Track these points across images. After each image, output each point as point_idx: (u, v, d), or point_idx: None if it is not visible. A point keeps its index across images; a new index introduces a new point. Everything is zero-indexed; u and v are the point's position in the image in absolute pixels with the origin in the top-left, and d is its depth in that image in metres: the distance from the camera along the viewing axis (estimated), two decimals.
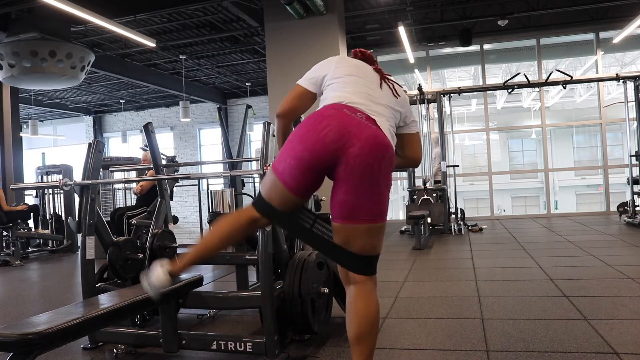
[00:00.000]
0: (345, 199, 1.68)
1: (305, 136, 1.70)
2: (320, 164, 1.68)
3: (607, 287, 3.58)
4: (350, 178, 1.66)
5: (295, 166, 1.69)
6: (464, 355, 2.36)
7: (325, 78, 1.90)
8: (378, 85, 1.86)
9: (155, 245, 3.07)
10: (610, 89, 15.11)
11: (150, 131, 3.25)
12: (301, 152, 1.68)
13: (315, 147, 1.66)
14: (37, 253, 7.73)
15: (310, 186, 1.75)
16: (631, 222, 7.41)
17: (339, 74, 1.87)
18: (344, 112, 1.72)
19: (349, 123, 1.68)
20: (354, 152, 1.64)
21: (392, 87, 1.89)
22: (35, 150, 16.00)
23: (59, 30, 7.62)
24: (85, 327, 1.74)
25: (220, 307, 3.26)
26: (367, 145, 1.65)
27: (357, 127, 1.67)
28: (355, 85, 1.83)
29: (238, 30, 9.18)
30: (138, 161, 7.50)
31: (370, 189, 1.67)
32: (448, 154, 8.22)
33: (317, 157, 1.67)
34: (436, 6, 8.88)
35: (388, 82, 1.89)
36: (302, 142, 1.69)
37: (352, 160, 1.64)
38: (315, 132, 1.68)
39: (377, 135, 1.69)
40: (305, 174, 1.70)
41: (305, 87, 1.93)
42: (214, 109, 15.12)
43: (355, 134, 1.66)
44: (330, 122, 1.68)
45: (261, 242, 2.37)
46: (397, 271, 4.63)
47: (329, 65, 1.92)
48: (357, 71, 1.88)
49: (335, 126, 1.67)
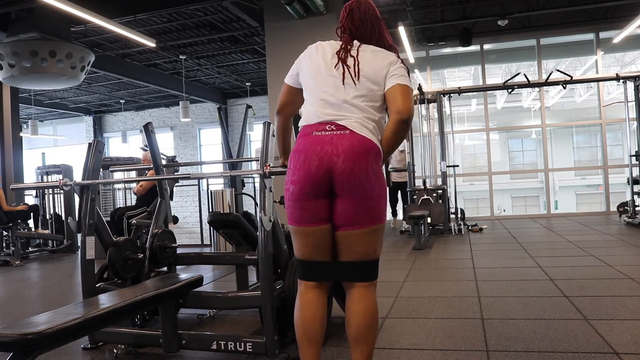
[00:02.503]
0: (343, 209, 1.75)
1: (294, 176, 1.78)
2: (319, 190, 1.75)
3: (607, 287, 3.58)
4: (343, 192, 1.73)
5: (304, 204, 1.77)
6: (464, 355, 2.36)
7: (300, 77, 1.95)
8: (341, 79, 1.81)
9: (155, 245, 3.08)
10: (610, 89, 15.11)
11: (150, 131, 3.25)
12: (300, 191, 1.77)
13: (306, 180, 1.75)
14: (37, 253, 7.73)
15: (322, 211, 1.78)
16: (631, 222, 7.41)
17: (305, 78, 1.91)
18: (313, 136, 1.78)
19: (322, 144, 1.74)
20: (339, 169, 1.71)
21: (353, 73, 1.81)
22: (35, 150, 15.99)
23: (59, 30, 7.62)
24: (85, 327, 1.74)
25: (220, 307, 3.26)
26: (349, 159, 1.71)
27: (331, 144, 1.73)
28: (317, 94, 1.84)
29: (238, 30, 9.18)
30: (138, 161, 7.50)
31: (364, 196, 1.73)
32: (448, 154, 8.21)
33: (312, 187, 1.75)
34: (436, 6, 8.88)
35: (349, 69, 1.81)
36: (294, 182, 1.79)
37: (339, 176, 1.72)
38: (301, 169, 1.76)
39: (353, 144, 1.72)
40: (311, 204, 1.77)
41: (289, 84, 2.00)
42: (214, 109, 15.12)
43: (333, 152, 1.72)
44: (307, 154, 1.76)
45: (261, 242, 2.37)
46: (397, 271, 4.63)
47: (300, 63, 1.96)
48: (319, 71, 1.86)
49: (311, 154, 1.75)
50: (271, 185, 2.37)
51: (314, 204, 1.76)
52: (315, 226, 1.78)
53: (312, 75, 1.88)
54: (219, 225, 3.54)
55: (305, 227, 1.79)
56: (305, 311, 1.82)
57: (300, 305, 1.84)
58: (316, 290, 1.84)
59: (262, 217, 2.32)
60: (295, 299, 1.88)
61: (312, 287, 1.84)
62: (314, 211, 1.76)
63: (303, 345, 1.82)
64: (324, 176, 1.73)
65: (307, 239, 1.81)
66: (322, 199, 1.76)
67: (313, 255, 1.82)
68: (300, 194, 1.77)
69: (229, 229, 3.41)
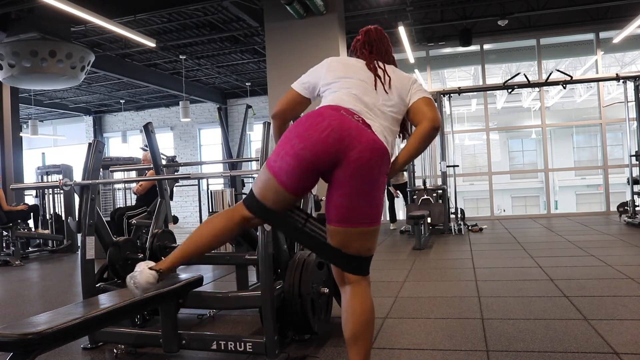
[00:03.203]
0: (342, 202, 1.68)
1: (305, 134, 1.67)
2: (320, 164, 1.67)
3: (607, 287, 3.58)
4: (349, 182, 1.66)
5: (294, 165, 1.67)
6: (464, 355, 2.36)
7: (318, 85, 1.91)
8: (372, 86, 1.83)
9: (155, 245, 3.08)
10: (610, 89, 15.11)
11: (150, 131, 3.26)
12: (300, 150, 1.65)
13: (316, 147, 1.64)
14: (37, 253, 7.73)
15: (306, 185, 1.74)
16: (631, 222, 7.41)
17: (331, 79, 1.87)
18: (342, 113, 1.72)
19: (349, 125, 1.68)
20: (354, 156, 1.64)
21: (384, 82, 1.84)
22: (35, 150, 16.01)
23: (59, 30, 7.62)
24: (85, 327, 1.74)
25: (220, 307, 3.26)
26: (367, 150, 1.65)
27: (357, 131, 1.67)
28: (349, 88, 1.82)
29: (238, 30, 9.18)
30: (138, 161, 7.50)
31: (368, 193, 1.69)
32: (448, 154, 8.22)
33: (317, 157, 1.65)
34: (436, 6, 8.88)
35: (381, 79, 1.85)
36: (302, 140, 1.66)
37: (352, 164, 1.64)
38: (316, 130, 1.66)
39: (376, 141, 1.69)
40: (303, 173, 1.68)
41: (298, 92, 1.94)
42: (214, 109, 15.12)
43: (356, 137, 1.66)
44: (331, 123, 1.66)
45: (261, 242, 2.37)
46: (397, 271, 4.63)
47: (321, 70, 1.92)
48: (349, 73, 1.87)
49: (336, 127, 1.66)
50: None
51: (305, 175, 1.68)
52: (288, 192, 1.71)
53: (341, 76, 1.86)
54: None
55: (279, 186, 1.71)
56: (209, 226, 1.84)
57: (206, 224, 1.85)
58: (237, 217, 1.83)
59: None
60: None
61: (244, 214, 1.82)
62: (296, 178, 1.68)
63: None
64: (334, 154, 1.64)
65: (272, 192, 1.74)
66: (312, 174, 1.69)
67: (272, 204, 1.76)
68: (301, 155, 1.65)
69: None
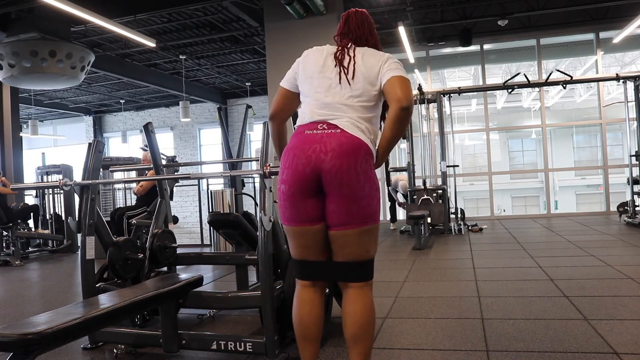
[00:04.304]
0: (334, 208, 1.75)
1: (284, 175, 1.80)
2: (308, 189, 1.75)
3: (607, 287, 3.58)
4: (332, 190, 1.73)
5: (290, 203, 1.79)
6: (464, 355, 2.36)
7: (297, 80, 1.95)
8: (337, 80, 1.84)
9: (155, 245, 3.08)
10: (610, 89, 15.11)
11: (150, 131, 3.25)
12: (288, 190, 1.78)
13: (294, 179, 1.76)
14: (37, 253, 7.73)
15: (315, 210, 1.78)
16: (631, 222, 7.41)
17: (302, 81, 1.92)
18: (304, 135, 1.79)
19: (312, 142, 1.75)
20: (327, 166, 1.72)
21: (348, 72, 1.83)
22: (35, 150, 16.00)
23: (59, 30, 7.62)
24: (85, 327, 1.74)
25: (220, 307, 3.25)
26: (336, 156, 1.71)
27: (321, 142, 1.74)
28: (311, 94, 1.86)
29: (238, 30, 9.18)
30: (138, 161, 7.50)
31: (354, 195, 1.72)
32: (448, 154, 8.22)
33: (300, 186, 1.75)
34: (436, 6, 8.88)
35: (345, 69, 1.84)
36: (284, 182, 1.80)
37: (327, 174, 1.72)
38: (289, 167, 1.79)
39: (342, 142, 1.73)
40: (302, 203, 1.77)
41: (286, 88, 1.99)
42: (214, 109, 15.12)
43: (322, 150, 1.73)
44: (295, 153, 1.78)
45: (261, 242, 2.37)
46: (397, 271, 4.63)
47: (298, 65, 1.97)
48: (313, 73, 1.89)
49: (300, 152, 1.76)
50: (271, 185, 2.37)
51: (305, 203, 1.77)
52: (307, 226, 1.78)
53: (307, 77, 1.90)
54: (219, 225, 3.54)
55: (297, 227, 1.80)
56: (302, 310, 1.84)
57: (297, 304, 1.86)
58: (312, 290, 1.85)
59: (262, 217, 2.32)
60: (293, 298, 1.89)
61: (308, 286, 1.86)
62: (304, 211, 1.77)
63: (301, 344, 1.85)
64: (311, 175, 1.73)
65: (300, 238, 1.82)
66: (312, 198, 1.76)
67: (306, 254, 1.83)
68: (290, 193, 1.78)
69: (229, 229, 3.41)
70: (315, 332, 1.84)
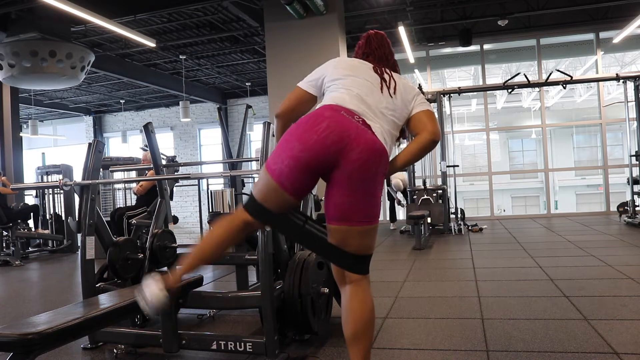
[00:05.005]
0: (341, 201, 1.70)
1: (304, 136, 1.68)
2: (319, 165, 1.68)
3: (607, 287, 3.58)
4: (348, 182, 1.68)
5: (293, 166, 1.67)
6: (464, 355, 2.36)
7: (324, 80, 1.90)
8: (378, 88, 1.85)
9: (155, 245, 3.07)
10: (610, 89, 15.10)
11: (150, 131, 3.25)
12: (300, 152, 1.66)
13: (315, 147, 1.65)
14: (37, 253, 7.73)
15: (306, 187, 1.74)
16: (631, 222, 7.41)
17: (337, 75, 1.87)
18: (342, 114, 1.72)
19: (348, 126, 1.69)
20: (353, 157, 1.66)
21: (390, 86, 1.87)
22: (35, 150, 16.01)
23: (59, 30, 7.62)
24: (85, 327, 1.74)
25: (220, 307, 3.25)
26: (366, 151, 1.67)
27: (356, 131, 1.68)
28: (353, 88, 1.82)
29: (238, 30, 9.18)
30: (138, 161, 7.50)
31: (366, 193, 1.71)
32: (448, 154, 8.22)
33: (316, 158, 1.66)
34: (436, 6, 8.88)
35: (386, 83, 1.87)
36: (301, 141, 1.67)
37: (351, 165, 1.66)
38: (315, 132, 1.67)
39: (375, 141, 1.71)
40: (303, 174, 1.68)
41: (305, 89, 1.94)
42: (214, 109, 15.13)
43: (355, 139, 1.67)
44: (330, 124, 1.67)
45: (261, 242, 2.37)
46: (397, 271, 4.63)
47: (328, 67, 1.93)
48: (355, 72, 1.88)
49: (335, 128, 1.67)
50: None
51: (304, 176, 1.68)
52: (285, 191, 1.70)
53: (347, 74, 1.87)
54: None
55: (276, 184, 1.71)
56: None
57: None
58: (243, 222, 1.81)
59: None
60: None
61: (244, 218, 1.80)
62: (294, 179, 1.68)
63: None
64: (332, 154, 1.65)
65: (271, 192, 1.73)
66: (311, 174, 1.70)
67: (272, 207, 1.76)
68: (297, 157, 1.66)
69: None
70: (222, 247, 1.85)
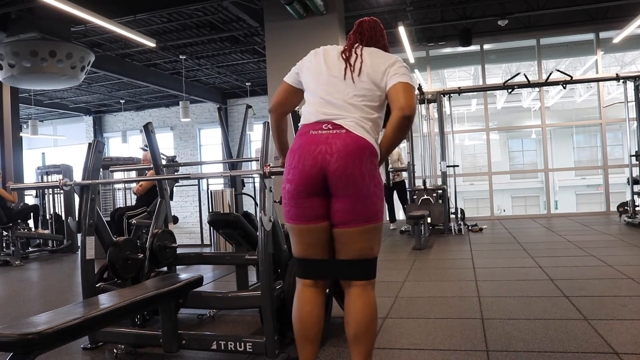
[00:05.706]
0: (338, 207, 1.77)
1: (289, 175, 1.82)
2: (314, 189, 1.77)
3: (607, 287, 3.58)
4: (337, 190, 1.75)
5: (295, 203, 1.80)
6: (464, 355, 2.36)
7: (301, 78, 1.97)
8: (342, 77, 1.85)
9: (155, 245, 3.07)
10: (610, 89, 15.11)
11: (150, 131, 3.25)
12: (293, 190, 1.80)
13: (301, 181, 1.78)
14: (37, 253, 7.73)
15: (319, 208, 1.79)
16: (631, 222, 7.41)
17: (305, 78, 1.94)
18: (309, 135, 1.80)
19: (317, 143, 1.77)
20: (333, 168, 1.73)
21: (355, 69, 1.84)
22: (35, 150, 16.00)
23: (59, 30, 7.62)
24: (85, 327, 1.74)
25: (220, 307, 3.25)
26: (343, 157, 1.73)
27: (326, 143, 1.75)
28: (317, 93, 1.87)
29: (238, 30, 9.18)
30: (138, 161, 7.50)
31: (359, 195, 1.74)
32: (448, 154, 8.21)
33: (307, 186, 1.77)
34: (436, 6, 8.88)
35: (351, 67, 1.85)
36: (289, 181, 1.82)
37: (333, 175, 1.73)
38: (294, 168, 1.80)
39: (347, 143, 1.74)
40: (308, 202, 1.78)
41: (289, 83, 2.01)
42: (214, 109, 15.12)
43: (327, 150, 1.74)
44: (301, 154, 1.79)
45: (261, 242, 2.37)
46: (397, 271, 4.63)
47: (304, 63, 1.99)
48: (321, 69, 1.90)
49: (306, 154, 1.77)
50: (271, 185, 2.37)
51: (310, 202, 1.78)
52: (311, 224, 1.79)
53: (313, 76, 1.92)
54: (219, 225, 3.54)
55: (301, 225, 1.81)
56: (302, 309, 1.84)
57: (298, 303, 1.86)
58: (313, 289, 1.85)
59: (262, 217, 2.32)
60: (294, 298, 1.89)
61: (309, 285, 1.86)
62: (309, 209, 1.78)
63: (300, 344, 1.85)
64: (317, 175, 1.75)
65: (304, 237, 1.82)
66: (317, 197, 1.78)
67: (310, 253, 1.83)
68: (296, 193, 1.79)
69: (229, 229, 3.41)
70: (316, 332, 1.84)
